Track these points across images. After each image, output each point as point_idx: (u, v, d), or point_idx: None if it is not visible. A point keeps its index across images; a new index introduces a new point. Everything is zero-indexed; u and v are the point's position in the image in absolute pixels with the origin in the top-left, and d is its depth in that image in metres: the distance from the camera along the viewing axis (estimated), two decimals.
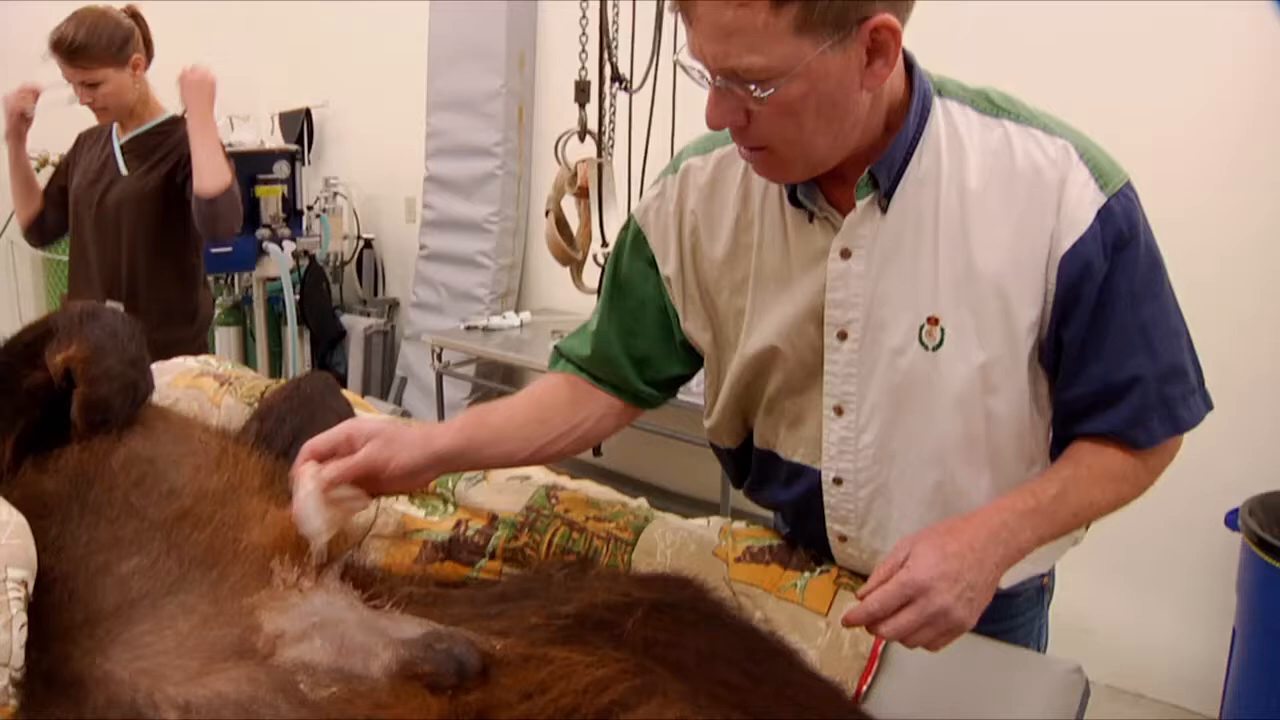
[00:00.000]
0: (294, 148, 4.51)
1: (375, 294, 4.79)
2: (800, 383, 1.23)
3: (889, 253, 1.14)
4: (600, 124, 2.80)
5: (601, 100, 2.79)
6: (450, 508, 1.44)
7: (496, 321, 3.75)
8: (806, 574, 1.27)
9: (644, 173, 2.79)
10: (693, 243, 1.27)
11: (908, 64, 1.13)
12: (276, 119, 4.74)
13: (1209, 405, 1.19)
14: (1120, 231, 1.09)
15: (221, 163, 2.55)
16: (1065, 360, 1.15)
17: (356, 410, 1.68)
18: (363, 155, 4.73)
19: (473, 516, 1.41)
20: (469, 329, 3.73)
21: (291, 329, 4.26)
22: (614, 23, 2.69)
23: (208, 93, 2.54)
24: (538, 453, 1.31)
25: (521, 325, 3.77)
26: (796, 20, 0.96)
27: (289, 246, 4.24)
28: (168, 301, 2.74)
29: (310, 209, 4.51)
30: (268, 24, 4.78)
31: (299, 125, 4.67)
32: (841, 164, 1.13)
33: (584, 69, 2.77)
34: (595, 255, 2.82)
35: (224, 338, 4.44)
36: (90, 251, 2.74)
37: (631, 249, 1.33)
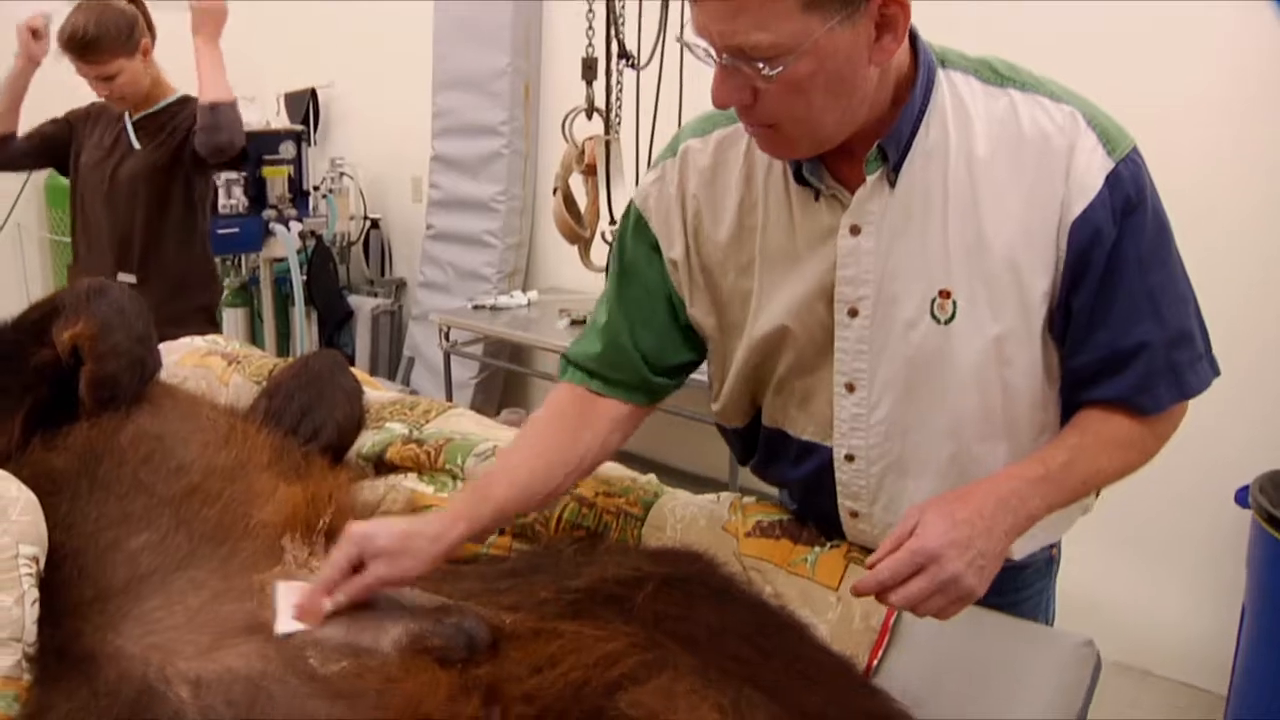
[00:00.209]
0: (300, 128, 4.49)
1: (382, 274, 4.79)
2: (810, 361, 1.23)
3: (898, 227, 1.13)
4: (607, 101, 2.78)
5: (609, 77, 2.77)
6: (459, 484, 1.44)
7: (504, 301, 3.74)
8: (817, 549, 1.27)
9: (651, 149, 2.78)
10: (695, 226, 1.26)
11: (911, 36, 1.11)
12: (282, 100, 4.72)
13: (1216, 371, 1.18)
14: (1129, 197, 1.09)
15: (224, 80, 2.58)
16: (1074, 327, 1.14)
17: (365, 388, 1.68)
18: (369, 135, 4.72)
19: None
20: (476, 308, 3.72)
21: (299, 310, 4.26)
22: None
23: (217, 19, 2.58)
24: (546, 499, 1.27)
25: (529, 304, 3.76)
26: None
27: (295, 227, 4.23)
28: (182, 272, 2.76)
29: (316, 189, 4.50)
30: (273, 5, 4.76)
31: (305, 106, 4.65)
32: (848, 140, 1.11)
33: (591, 46, 2.75)
34: (603, 233, 2.81)
35: (231, 319, 4.44)
36: (101, 225, 2.74)
37: (634, 235, 1.30)
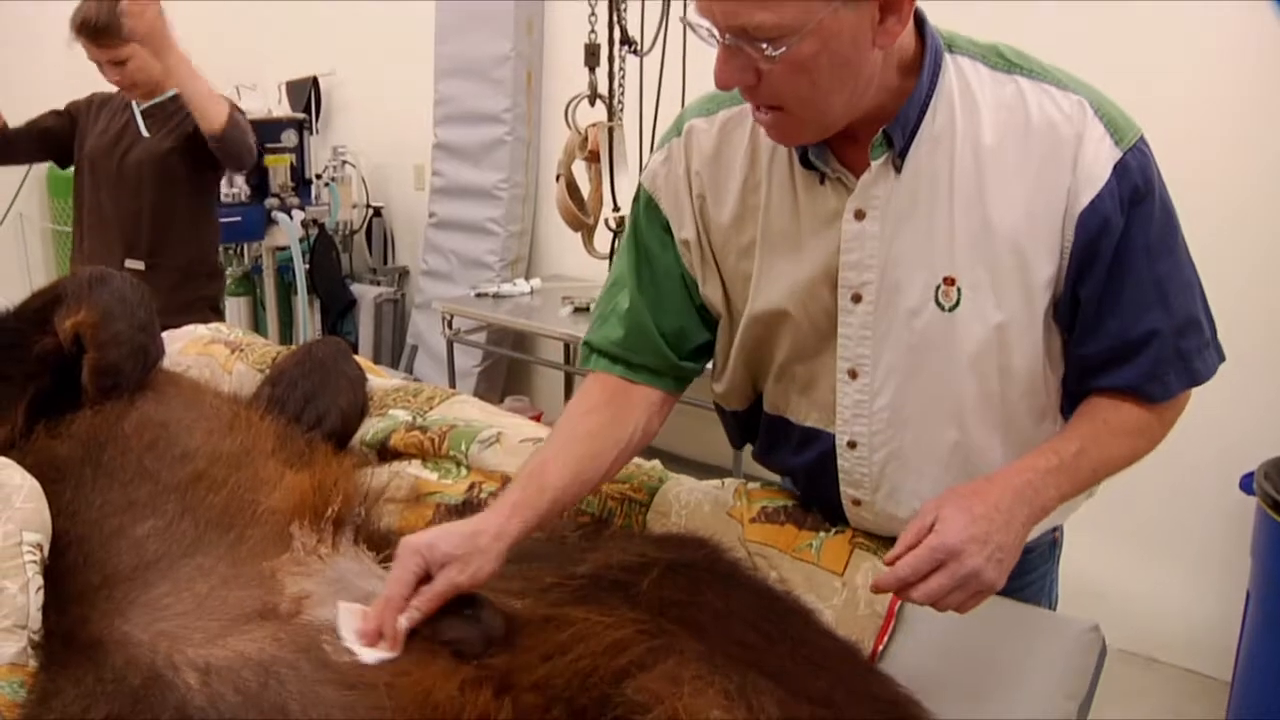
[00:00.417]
0: (301, 116, 4.48)
1: (385, 262, 4.78)
2: (812, 347, 1.22)
3: (904, 213, 1.13)
4: (610, 87, 2.77)
5: (611, 63, 2.76)
6: (463, 470, 1.44)
7: (507, 288, 3.74)
8: (822, 534, 1.27)
9: (654, 135, 2.76)
10: (700, 205, 1.25)
11: (918, 20, 1.11)
12: (283, 88, 4.71)
13: (1222, 357, 1.19)
14: (1136, 186, 1.09)
15: (209, 100, 2.50)
16: (1082, 316, 1.14)
17: (368, 375, 1.68)
18: (371, 123, 4.71)
19: (486, 479, 1.41)
20: (479, 296, 3.72)
21: (302, 298, 4.26)
22: None
23: (155, 28, 2.38)
24: (597, 485, 1.27)
25: (532, 292, 3.76)
26: None
27: (298, 216, 4.22)
28: (190, 259, 2.77)
29: (319, 178, 4.49)
30: None
31: (306, 94, 4.64)
32: (853, 124, 1.11)
33: (593, 32, 2.74)
34: (606, 220, 2.81)
35: (234, 308, 4.44)
36: (109, 212, 2.74)
37: (647, 218, 1.30)
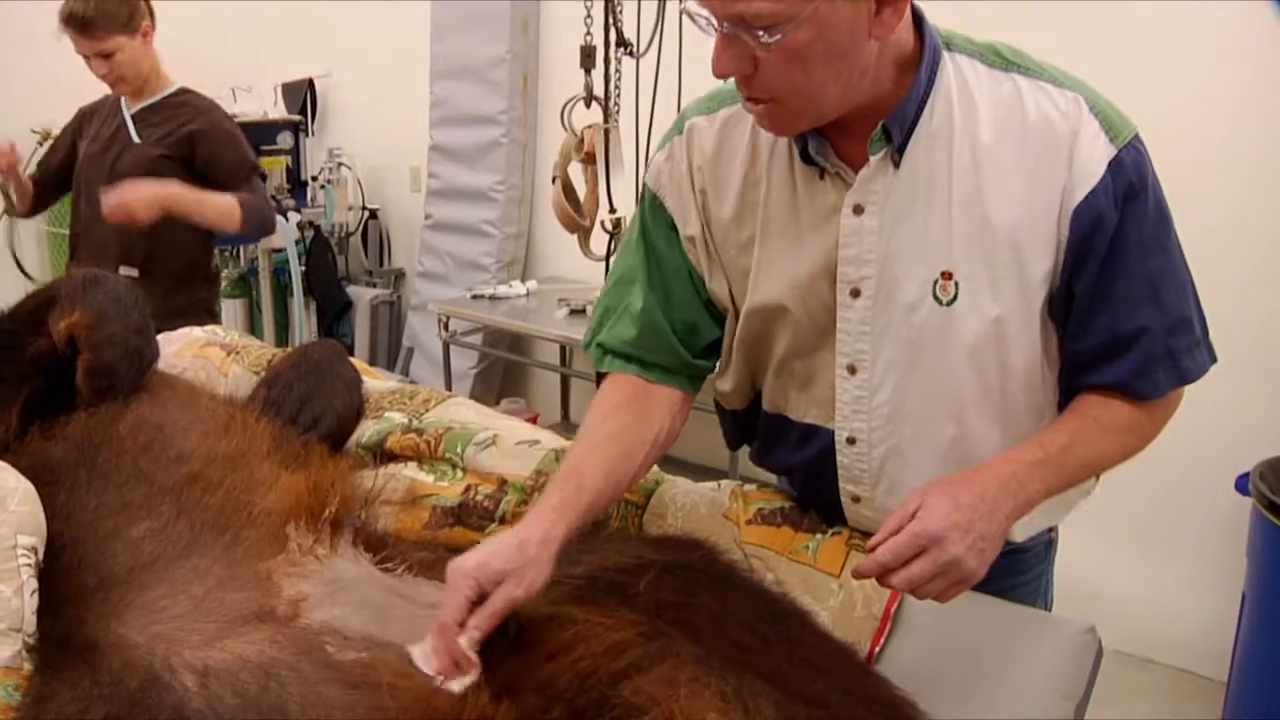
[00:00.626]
0: (297, 118, 4.48)
1: (381, 264, 4.77)
2: (811, 343, 1.23)
3: (902, 208, 1.14)
4: (606, 89, 2.77)
5: (607, 65, 2.75)
6: (459, 473, 1.44)
7: (503, 290, 3.74)
8: (818, 536, 1.27)
9: (650, 137, 2.76)
10: (703, 201, 1.26)
11: (916, 18, 1.12)
12: (279, 90, 4.70)
13: (1213, 357, 1.19)
14: (1130, 183, 1.10)
15: (219, 213, 2.59)
16: (1076, 311, 1.14)
17: (364, 378, 1.68)
18: (366, 125, 4.70)
19: (482, 481, 1.41)
20: (475, 298, 3.72)
21: (297, 300, 4.25)
22: None
23: (140, 202, 2.47)
24: (630, 483, 1.26)
25: (528, 294, 3.76)
26: None
27: (294, 218, 4.22)
28: (184, 266, 2.75)
29: (314, 180, 4.49)
30: None
31: (302, 96, 4.64)
32: (852, 119, 1.12)
33: (589, 34, 2.74)
34: (603, 222, 2.80)
35: (230, 310, 4.43)
36: (101, 221, 2.72)
37: (653, 216, 1.30)
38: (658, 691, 0.94)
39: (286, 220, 4.15)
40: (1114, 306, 1.12)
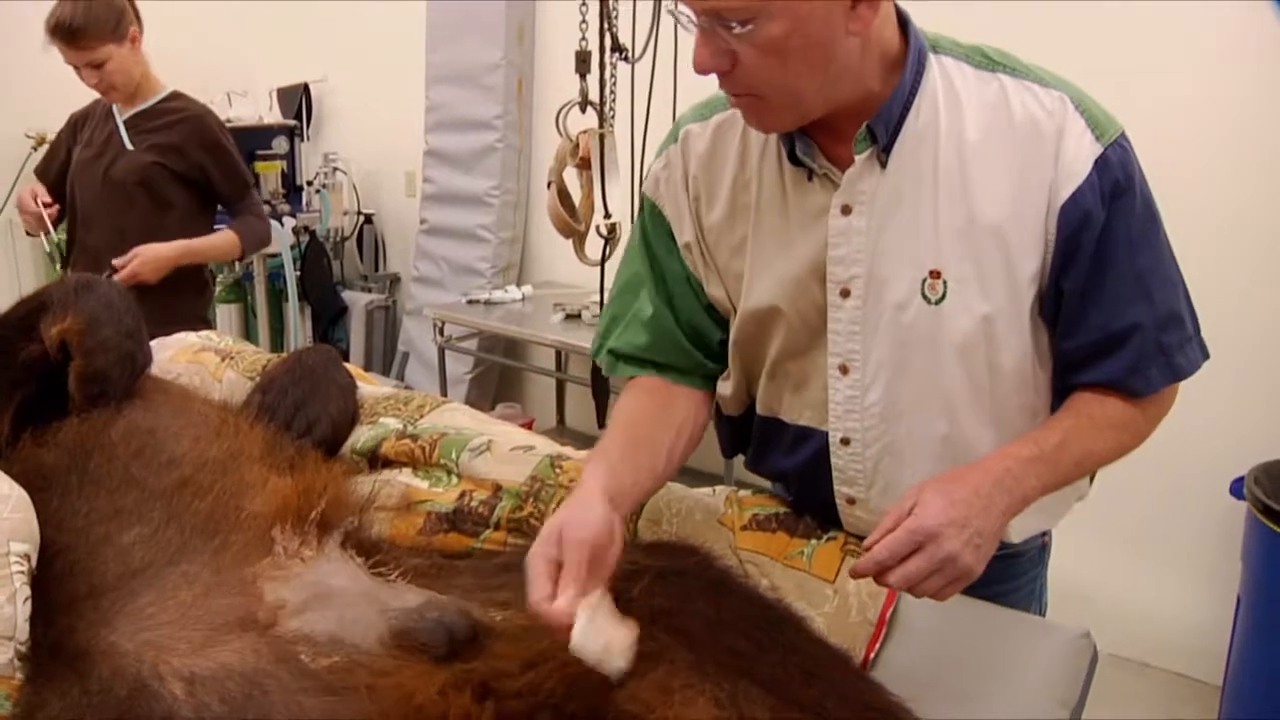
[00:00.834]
0: (293, 123, 4.48)
1: (376, 269, 4.77)
2: (804, 344, 1.23)
3: (889, 208, 1.14)
4: (601, 94, 2.77)
5: (602, 70, 2.76)
6: (454, 479, 1.43)
7: (498, 295, 3.73)
8: (813, 541, 1.26)
9: (645, 143, 2.76)
10: (696, 207, 1.27)
11: (902, 20, 1.14)
12: (275, 95, 4.70)
13: (1205, 354, 1.19)
14: (1117, 181, 1.10)
15: (219, 251, 2.77)
16: (1065, 310, 1.15)
17: (359, 383, 1.67)
18: (362, 130, 4.70)
19: (477, 487, 1.40)
20: (470, 303, 3.72)
21: (293, 305, 4.25)
22: None
23: (148, 266, 2.58)
24: (662, 474, 1.24)
25: (523, 299, 3.75)
26: None
27: (289, 223, 4.22)
28: (179, 273, 2.72)
29: (310, 185, 4.49)
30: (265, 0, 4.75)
31: (297, 100, 4.64)
32: (839, 120, 1.13)
33: (584, 39, 2.74)
34: (598, 227, 2.80)
35: (225, 315, 4.43)
36: (97, 227, 2.71)
37: (652, 225, 1.32)
38: (651, 698, 0.94)
39: (282, 225, 4.15)
40: (1104, 304, 1.13)
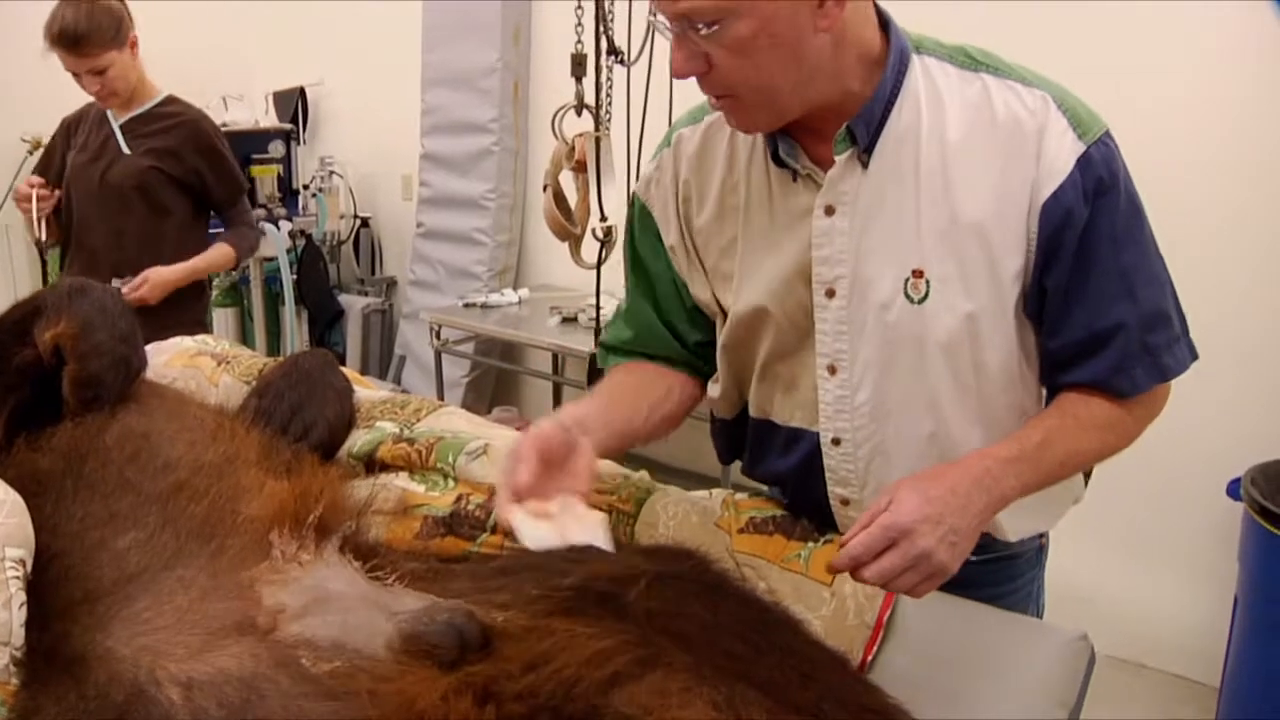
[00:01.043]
0: (289, 127, 4.48)
1: (373, 273, 4.78)
2: (792, 344, 1.24)
3: (872, 208, 1.15)
4: (597, 98, 2.77)
5: (598, 74, 2.76)
6: (451, 482, 1.43)
7: (495, 298, 3.74)
8: (810, 544, 1.26)
9: (641, 145, 2.76)
10: (686, 211, 1.29)
11: (884, 21, 1.14)
12: (271, 98, 4.71)
13: (1194, 354, 1.19)
14: (1100, 179, 1.10)
15: (216, 265, 2.85)
16: (1049, 308, 1.15)
17: (355, 387, 1.67)
18: (358, 133, 4.70)
19: (474, 491, 1.40)
20: (467, 306, 3.72)
21: (289, 309, 4.25)
22: None
23: (154, 290, 2.64)
24: (635, 434, 1.30)
25: (520, 302, 3.76)
26: None
27: (285, 226, 4.22)
28: None
29: (306, 188, 4.49)
30: (261, 2, 4.74)
31: (294, 104, 4.64)
32: (821, 121, 1.14)
33: (580, 42, 2.74)
34: (594, 230, 2.80)
35: (221, 319, 4.43)
36: (93, 232, 2.71)
37: (640, 226, 1.35)
38: (649, 700, 0.93)
39: (278, 229, 4.15)
40: (1088, 303, 1.13)
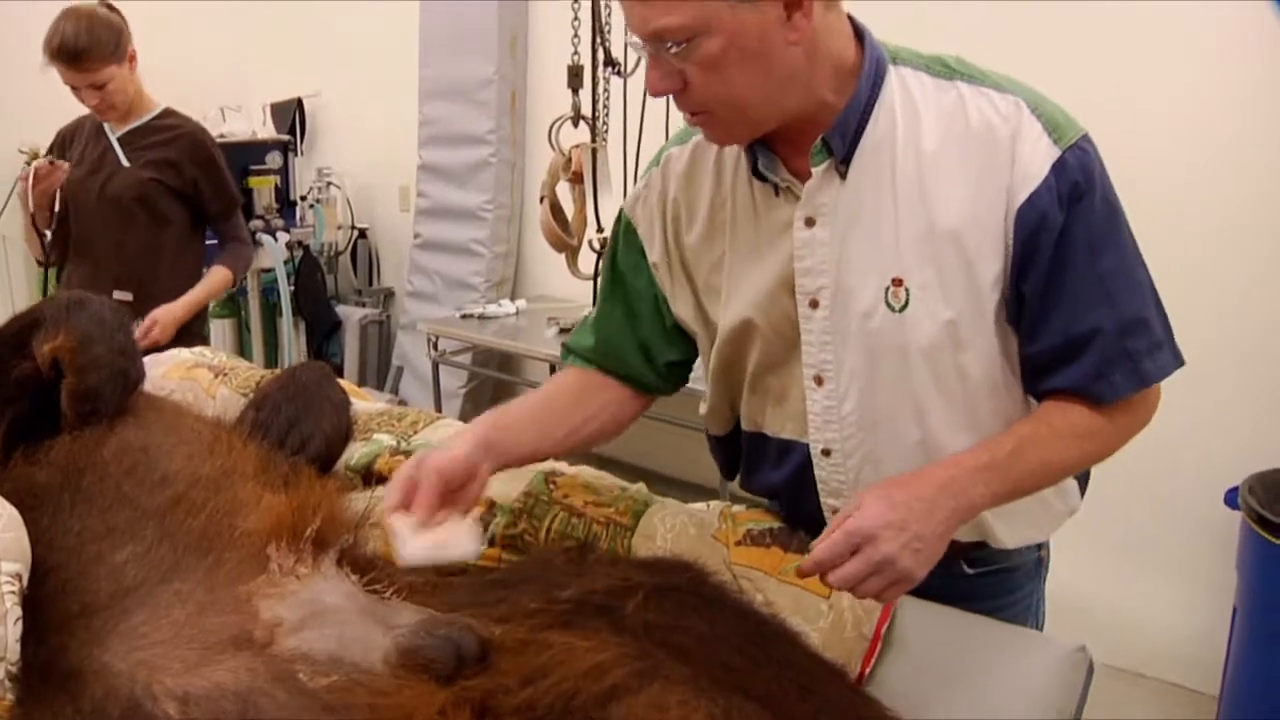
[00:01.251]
0: (286, 138, 4.48)
1: (370, 283, 4.78)
2: (780, 356, 1.24)
3: (851, 218, 1.15)
4: (594, 109, 2.78)
5: (595, 85, 2.77)
6: None
7: (492, 309, 3.73)
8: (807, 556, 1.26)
9: (638, 157, 2.77)
10: (675, 229, 1.30)
11: (859, 32, 1.15)
12: (268, 109, 4.71)
13: (1178, 360, 1.17)
14: (1076, 183, 1.10)
15: (218, 290, 2.83)
16: (1027, 314, 1.15)
17: (353, 399, 1.67)
18: (356, 144, 4.71)
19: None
20: (465, 317, 3.72)
21: (287, 320, 4.24)
22: (606, 6, 2.67)
23: (165, 330, 2.62)
24: (557, 444, 1.34)
25: (517, 313, 3.75)
26: None
27: (283, 237, 4.21)
28: (176, 291, 2.73)
29: (304, 199, 4.49)
30: (258, 13, 4.75)
31: (291, 115, 4.64)
32: (800, 133, 1.15)
33: (576, 54, 2.75)
34: (590, 241, 2.81)
35: (219, 330, 4.42)
36: (94, 244, 2.70)
37: (624, 242, 1.36)
38: (647, 714, 0.93)
39: (275, 240, 4.15)
40: (1065, 308, 1.13)
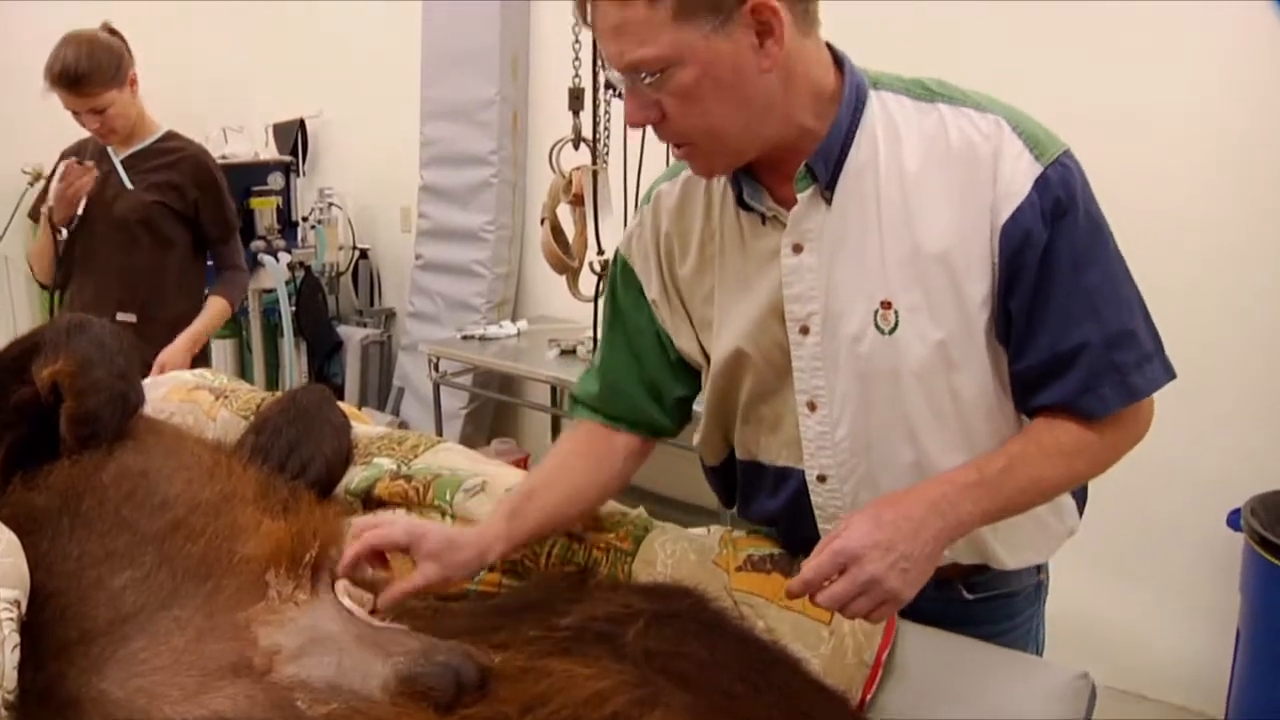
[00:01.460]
0: (288, 159, 4.50)
1: (371, 304, 4.78)
2: (772, 384, 1.24)
3: (838, 243, 1.16)
4: (595, 131, 2.79)
5: (596, 107, 2.78)
6: (448, 519, 1.43)
7: (493, 330, 3.73)
8: None
9: (639, 180, 2.78)
10: (669, 263, 1.31)
11: (838, 60, 1.16)
12: (270, 130, 4.72)
13: (1169, 373, 1.16)
14: (1058, 199, 1.10)
15: (218, 322, 2.82)
16: (1015, 331, 1.15)
17: (353, 423, 1.67)
18: (357, 165, 4.72)
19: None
20: (466, 338, 3.71)
21: (288, 341, 4.25)
22: None
23: (176, 364, 2.61)
24: (574, 521, 1.36)
25: (518, 334, 3.75)
26: (674, 9, 1.02)
27: (284, 258, 4.22)
28: (182, 312, 2.74)
29: (305, 220, 4.50)
30: (260, 34, 4.77)
31: (293, 136, 4.66)
32: (782, 161, 1.16)
33: (578, 76, 2.77)
34: (591, 263, 2.81)
35: (220, 350, 4.42)
36: (96, 266, 2.70)
37: (622, 282, 1.37)
38: None
39: (277, 260, 4.15)
40: (1051, 324, 1.13)
